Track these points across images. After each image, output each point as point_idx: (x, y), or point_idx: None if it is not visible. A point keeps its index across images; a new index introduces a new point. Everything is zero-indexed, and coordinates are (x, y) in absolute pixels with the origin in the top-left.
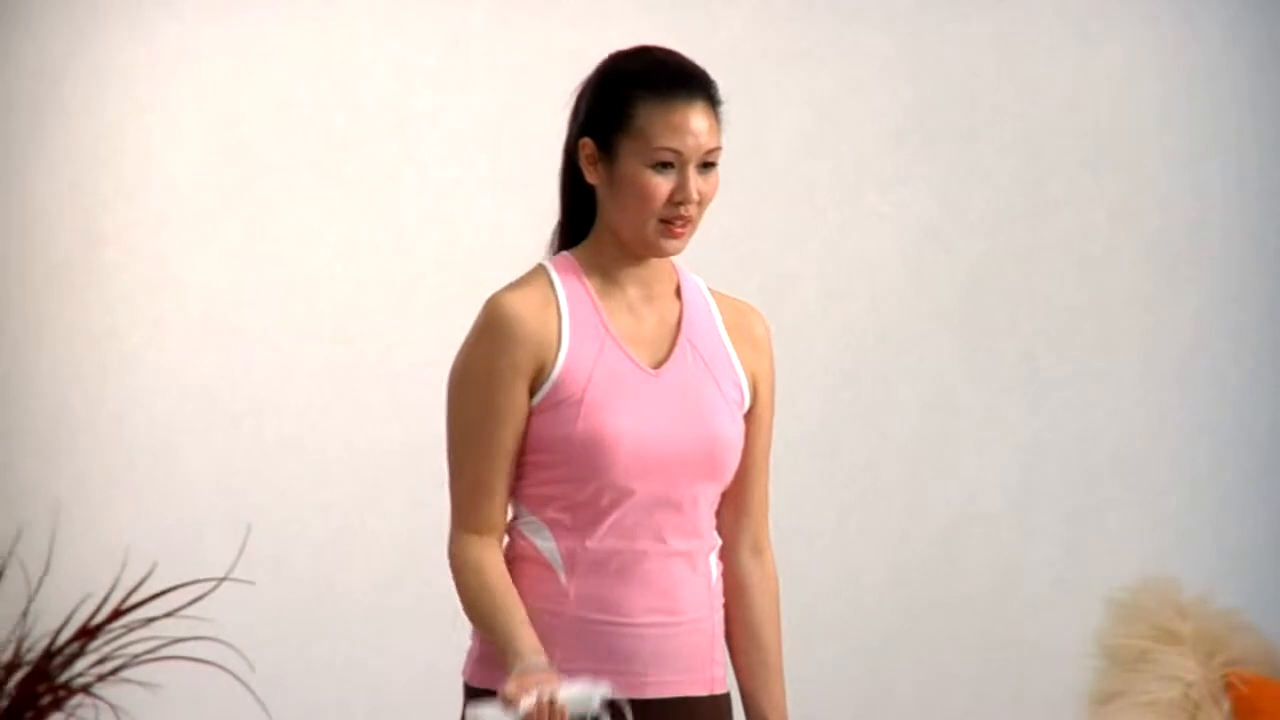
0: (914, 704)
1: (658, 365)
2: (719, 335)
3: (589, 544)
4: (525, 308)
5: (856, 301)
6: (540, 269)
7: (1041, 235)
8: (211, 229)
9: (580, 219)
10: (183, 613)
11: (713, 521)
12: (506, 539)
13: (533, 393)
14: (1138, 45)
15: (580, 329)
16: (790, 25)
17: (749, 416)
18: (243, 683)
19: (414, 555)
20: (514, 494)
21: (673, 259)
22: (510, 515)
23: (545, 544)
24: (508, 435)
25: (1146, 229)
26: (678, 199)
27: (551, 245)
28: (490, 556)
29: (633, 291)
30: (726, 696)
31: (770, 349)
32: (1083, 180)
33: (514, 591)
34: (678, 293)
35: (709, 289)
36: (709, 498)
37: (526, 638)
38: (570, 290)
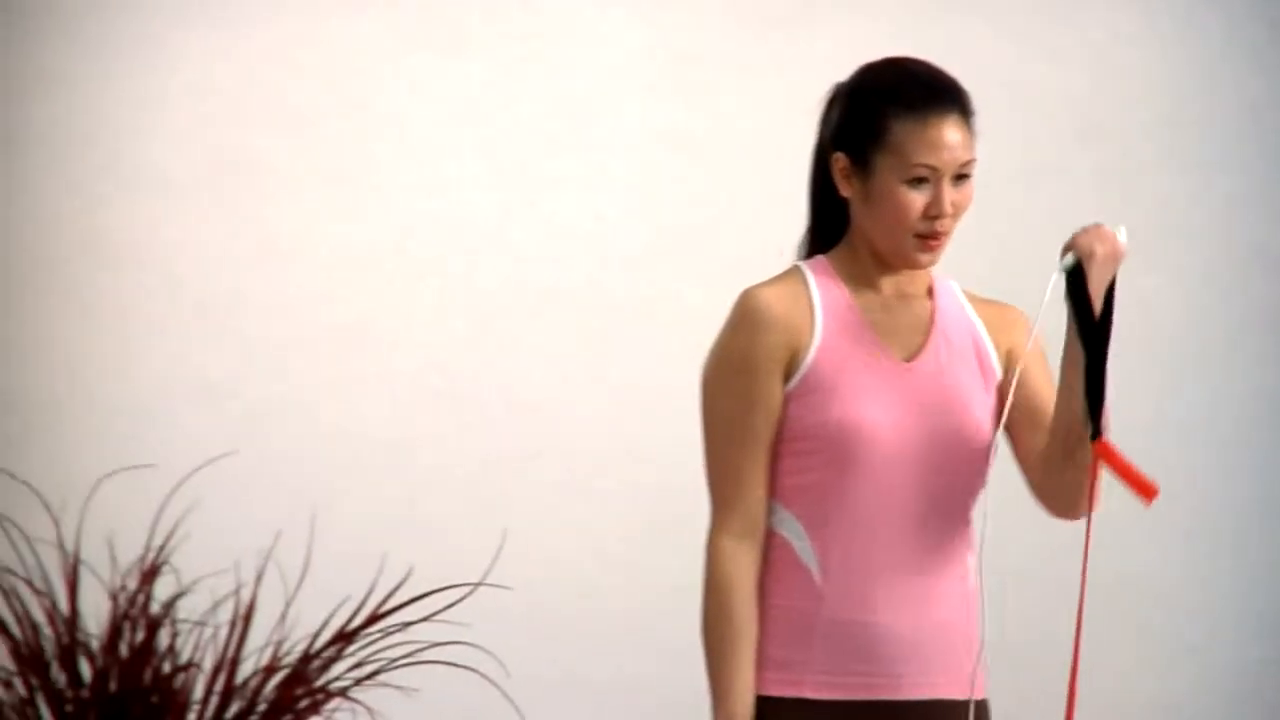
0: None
1: (910, 358)
2: (975, 329)
3: (842, 541)
4: (776, 296)
5: None
6: (795, 268)
7: (1041, 235)
8: (211, 229)
9: (829, 226)
10: (439, 617)
11: (969, 521)
12: None
13: (787, 379)
14: (1139, 46)
15: (833, 319)
16: (787, 24)
17: (1022, 366)
18: (499, 688)
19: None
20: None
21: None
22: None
23: (799, 542)
24: (762, 423)
25: (1146, 228)
26: (933, 213)
27: (800, 251)
28: (742, 576)
29: (887, 291)
30: (985, 704)
31: (1026, 325)
32: (1082, 180)
33: (752, 629)
34: (929, 294)
35: (964, 291)
36: (962, 493)
37: (741, 698)
38: (824, 286)
